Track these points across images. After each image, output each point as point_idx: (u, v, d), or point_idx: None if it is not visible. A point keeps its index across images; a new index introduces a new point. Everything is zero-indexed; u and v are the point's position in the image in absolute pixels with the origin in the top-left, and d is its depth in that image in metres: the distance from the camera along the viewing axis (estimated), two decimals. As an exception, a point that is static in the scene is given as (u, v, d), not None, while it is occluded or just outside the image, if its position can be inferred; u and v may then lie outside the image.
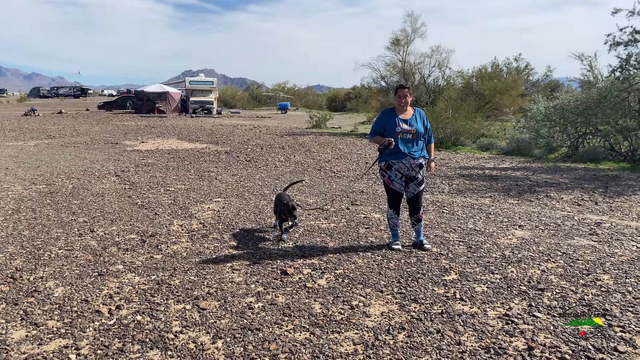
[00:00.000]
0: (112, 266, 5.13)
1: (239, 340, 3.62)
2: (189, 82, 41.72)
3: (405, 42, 26.66)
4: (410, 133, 5.58)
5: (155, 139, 19.21)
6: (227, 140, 19.38)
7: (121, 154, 14.54)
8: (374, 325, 3.87)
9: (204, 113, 39.03)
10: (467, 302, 4.33)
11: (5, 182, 9.74)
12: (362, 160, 14.12)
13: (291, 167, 12.50)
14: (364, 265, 5.24)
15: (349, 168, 12.62)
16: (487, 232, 6.54)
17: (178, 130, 23.32)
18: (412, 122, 5.62)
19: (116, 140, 18.58)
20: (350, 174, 11.59)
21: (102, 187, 9.33)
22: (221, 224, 6.85)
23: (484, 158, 15.56)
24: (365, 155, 15.38)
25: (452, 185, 10.23)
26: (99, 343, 3.56)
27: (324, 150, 16.77)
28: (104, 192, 8.91)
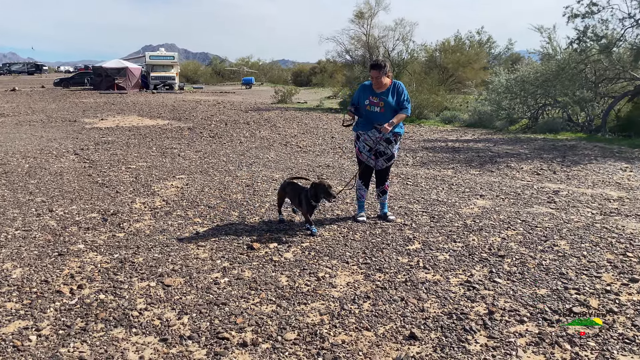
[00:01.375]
0: (72, 246, 5.01)
1: (205, 315, 3.61)
2: (149, 57, 40.58)
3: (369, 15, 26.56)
4: (377, 106, 5.55)
5: (115, 116, 18.68)
6: (190, 116, 19.01)
7: (80, 132, 14.09)
8: (339, 296, 3.92)
9: (165, 89, 38.15)
10: (430, 270, 4.42)
11: (-44, 162, 9.33)
12: (328, 135, 14.11)
13: (257, 143, 12.39)
14: (330, 238, 5.28)
15: (315, 143, 12.60)
16: (449, 202, 6.67)
17: (139, 107, 22.72)
18: (384, 95, 5.55)
19: (74, 117, 17.98)
20: (316, 149, 11.57)
21: (61, 166, 9.04)
22: (185, 200, 6.75)
23: (447, 131, 15.77)
24: (332, 130, 15.36)
25: (416, 158, 10.35)
26: (61, 323, 3.49)
27: (289, 125, 16.66)
28: (63, 171, 8.64)
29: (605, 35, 14.38)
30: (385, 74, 5.52)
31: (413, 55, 26.55)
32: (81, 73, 48.93)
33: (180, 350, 3.16)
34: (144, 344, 3.24)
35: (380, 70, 5.48)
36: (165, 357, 3.08)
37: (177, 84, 39.97)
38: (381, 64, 5.51)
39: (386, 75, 5.55)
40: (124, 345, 3.21)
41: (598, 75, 15.76)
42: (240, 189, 7.39)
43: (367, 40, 26.56)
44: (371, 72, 5.53)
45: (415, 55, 26.77)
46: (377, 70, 5.49)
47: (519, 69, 18.49)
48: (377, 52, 26.44)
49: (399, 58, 26.19)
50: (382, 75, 5.50)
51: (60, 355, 3.10)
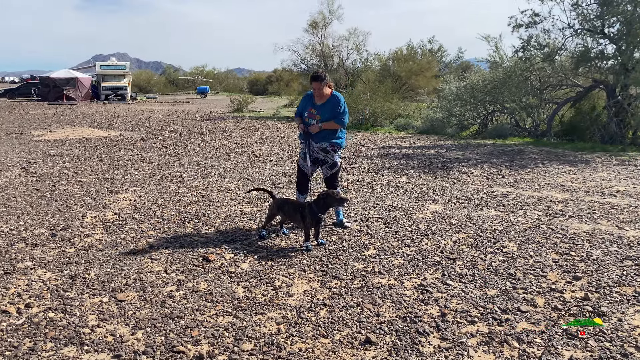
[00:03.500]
0: (19, 263, 4.82)
1: (159, 329, 3.56)
2: (100, 66, 39.57)
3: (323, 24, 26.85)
4: (314, 118, 5.72)
5: (64, 128, 18.09)
6: (142, 126, 18.63)
7: (27, 145, 13.57)
8: (296, 304, 3.94)
9: (117, 99, 37.27)
10: (385, 275, 4.51)
11: None
12: (284, 144, 14.14)
13: (212, 153, 12.28)
14: (286, 247, 5.30)
15: (272, 151, 12.60)
16: (403, 208, 6.82)
17: (89, 118, 22.11)
18: (321, 108, 5.70)
19: (20, 130, 17.31)
20: (273, 158, 11.57)
21: (6, 181, 8.69)
22: (138, 213, 6.62)
23: (401, 138, 16.09)
24: (288, 139, 15.40)
25: (372, 165, 10.52)
26: (7, 344, 3.36)
27: (246, 134, 16.59)
28: (8, 185, 8.30)
29: (548, 44, 15.07)
30: (326, 84, 5.68)
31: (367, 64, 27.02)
32: (27, 83, 47.12)
33: (135, 366, 3.10)
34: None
35: (322, 82, 5.63)
36: (119, 374, 3.02)
37: (129, 94, 39.11)
38: (321, 75, 5.63)
39: (327, 86, 5.72)
40: (75, 364, 3.13)
41: (542, 82, 16.48)
42: (196, 200, 7.31)
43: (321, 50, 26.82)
44: (312, 84, 5.64)
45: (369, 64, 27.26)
46: (319, 82, 5.61)
47: (469, 76, 19.11)
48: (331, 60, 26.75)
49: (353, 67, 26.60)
50: (323, 86, 5.66)
51: (6, 377, 2.99)
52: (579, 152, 12.15)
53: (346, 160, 11.17)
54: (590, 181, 8.62)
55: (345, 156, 11.74)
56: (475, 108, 17.22)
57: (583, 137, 14.71)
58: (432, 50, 35.01)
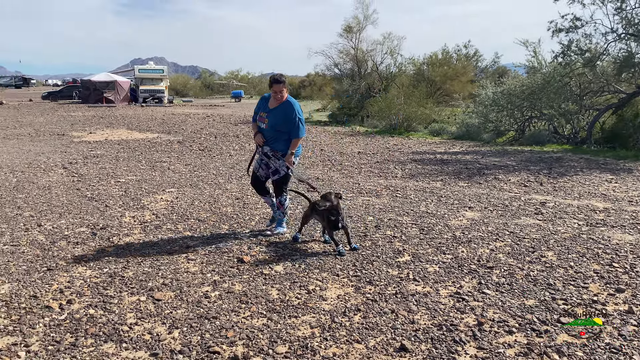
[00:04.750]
0: (61, 260, 4.98)
1: (195, 329, 3.60)
2: (138, 70, 40.58)
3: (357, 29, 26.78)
4: (264, 122, 5.60)
5: (104, 130, 18.61)
6: (179, 129, 18.99)
7: (68, 146, 14.02)
8: (330, 308, 3.94)
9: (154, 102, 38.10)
10: (420, 282, 4.46)
11: (-58, 177, 9.23)
12: (317, 147, 14.17)
13: (246, 156, 12.40)
14: (320, 251, 5.30)
15: (304, 155, 12.64)
16: (438, 214, 6.73)
17: (128, 120, 22.67)
18: (272, 113, 5.54)
19: (63, 131, 17.89)
20: (305, 162, 11.61)
21: (49, 180, 8.99)
22: (175, 214, 6.74)
23: (435, 143, 15.91)
24: (320, 142, 15.43)
25: (405, 170, 10.43)
26: (50, 339, 3.47)
27: (278, 138, 16.69)
28: (51, 185, 8.59)
29: (589, 49, 14.68)
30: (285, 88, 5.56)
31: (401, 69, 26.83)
32: (69, 86, 48.70)
33: (171, 365, 3.15)
34: (134, 358, 3.23)
35: (284, 84, 5.50)
36: (156, 372, 3.08)
37: (166, 97, 39.93)
38: (283, 78, 5.52)
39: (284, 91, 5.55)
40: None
41: (583, 88, 16.04)
42: (230, 202, 7.40)
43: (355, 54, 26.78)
44: (274, 86, 5.46)
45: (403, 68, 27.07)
46: (281, 85, 5.44)
47: (506, 82, 18.77)
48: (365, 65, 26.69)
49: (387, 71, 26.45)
50: (284, 90, 5.51)
51: (49, 371, 3.08)
52: (620, 160, 11.76)
53: (379, 165, 11.12)
54: (634, 190, 8.32)
55: (377, 161, 11.69)
56: (512, 114, 16.89)
57: (625, 144, 14.22)
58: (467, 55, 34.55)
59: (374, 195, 7.92)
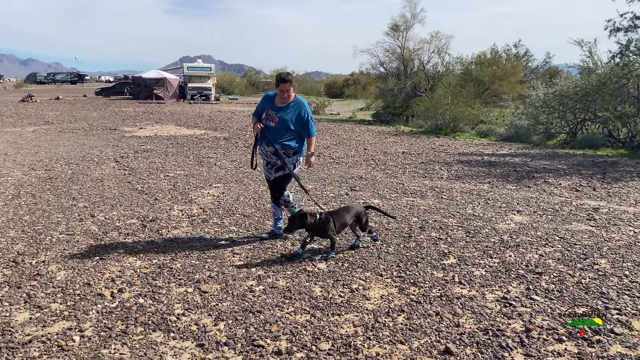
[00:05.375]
0: (113, 250, 5.16)
1: (240, 322, 3.67)
2: (187, 68, 41.43)
3: (404, 27, 26.49)
4: (273, 121, 5.40)
5: (153, 125, 19.16)
6: (225, 126, 19.33)
7: (120, 140, 14.52)
8: (373, 308, 3.92)
9: (201, 99, 38.85)
10: (466, 286, 4.37)
11: (5, 167, 9.74)
12: (361, 147, 14.13)
13: (290, 153, 12.50)
14: (363, 250, 5.28)
15: (348, 154, 12.63)
16: (485, 217, 6.58)
17: (176, 117, 23.25)
18: (282, 111, 5.38)
19: (114, 126, 18.53)
20: (349, 161, 11.60)
21: (102, 173, 9.34)
22: (221, 209, 6.87)
23: (482, 144, 15.58)
24: (364, 142, 15.38)
25: (451, 171, 10.26)
26: (102, 325, 3.60)
27: (322, 136, 16.75)
28: (104, 177, 8.92)
29: (649, 49, 13.99)
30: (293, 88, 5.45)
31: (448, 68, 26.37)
32: (121, 83, 50.36)
33: (217, 356, 3.22)
34: (181, 348, 3.32)
35: (291, 83, 5.39)
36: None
37: (213, 94, 40.62)
38: (290, 77, 5.42)
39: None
40: (162, 349, 3.30)
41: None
42: (275, 199, 7.46)
43: (401, 53, 26.51)
44: (280, 85, 5.36)
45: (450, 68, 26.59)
46: (288, 84, 5.34)
47: (558, 82, 18.15)
48: (411, 64, 26.38)
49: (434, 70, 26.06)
50: (291, 89, 5.41)
51: (102, 356, 3.20)
52: (681, 166, 11.17)
53: (424, 165, 10.99)
54: (696, 198, 7.89)
55: (422, 161, 11.55)
56: (564, 116, 16.31)
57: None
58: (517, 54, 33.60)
59: (419, 196, 7.83)
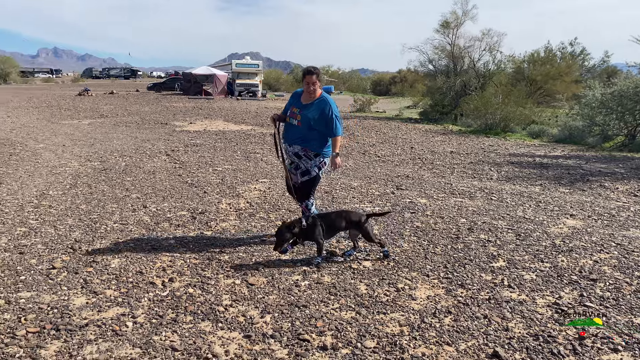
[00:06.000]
0: (164, 241, 5.32)
1: (286, 315, 3.71)
2: (236, 64, 42.09)
3: (455, 24, 25.96)
4: (295, 119, 5.12)
5: (202, 120, 19.60)
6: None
7: (171, 134, 14.93)
8: (419, 308, 3.88)
9: (249, 96, 39.40)
10: (516, 290, 4.26)
11: (63, 158, 10.20)
12: (407, 145, 13.98)
13: (336, 150, 12.50)
14: (409, 249, 5.23)
15: (394, 152, 12.53)
16: (536, 221, 6.39)
17: (224, 112, 23.69)
18: (306, 108, 5.07)
19: (165, 120, 19.07)
20: (395, 159, 11.50)
21: (154, 166, 9.63)
22: (267, 204, 6.96)
23: (534, 145, 15.10)
24: (411, 140, 15.21)
25: (501, 172, 10.01)
26: (154, 313, 3.72)
27: (368, 134, 16.68)
28: (155, 170, 9.20)
29: None
30: (319, 83, 5.14)
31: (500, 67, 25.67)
32: (172, 78, 51.71)
33: (263, 348, 3.27)
34: (229, 339, 3.38)
35: (317, 77, 5.07)
36: (249, 354, 3.20)
37: (260, 91, 41.14)
38: (317, 70, 5.14)
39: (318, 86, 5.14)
40: (211, 339, 3.37)
41: None
42: (319, 195, 7.50)
43: (451, 50, 26.01)
44: (306, 77, 5.03)
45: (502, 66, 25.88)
46: (313, 76, 5.02)
47: (617, 82, 17.35)
48: (461, 62, 25.84)
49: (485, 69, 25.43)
50: (317, 83, 5.07)
51: (153, 342, 3.31)
52: None
53: (472, 165, 10.76)
54: None
55: (471, 161, 11.32)
56: (622, 117, 15.58)
57: None
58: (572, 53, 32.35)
59: (467, 197, 7.67)
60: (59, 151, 11.11)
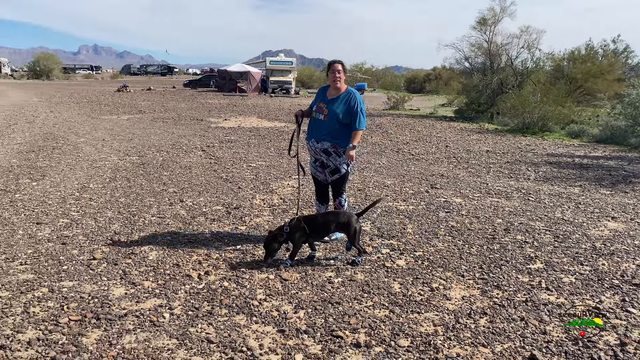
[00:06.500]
0: (200, 235, 5.42)
1: (320, 312, 3.72)
2: (270, 62, 42.39)
3: (492, 21, 25.43)
4: (322, 113, 5.07)
5: (237, 117, 19.82)
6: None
7: (206, 130, 15.15)
8: (454, 309, 3.83)
9: (282, 93, 39.62)
10: (554, 292, 4.16)
11: (103, 152, 10.49)
12: (442, 143, 13.81)
13: (368, 148, 12.47)
14: (444, 249, 5.17)
15: (428, 151, 12.39)
16: (576, 222, 6.22)
17: (258, 109, 23.89)
18: (332, 102, 5.04)
19: (201, 117, 19.36)
20: (429, 157, 11.38)
21: (190, 161, 9.80)
22: (300, 200, 6.99)
23: (573, 145, 14.69)
24: (446, 138, 15.01)
25: (539, 173, 9.78)
26: (190, 305, 3.80)
27: (401, 132, 16.55)
28: (192, 165, 9.36)
29: None
30: (344, 74, 5.08)
31: (538, 64, 25.02)
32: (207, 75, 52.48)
33: (297, 343, 3.29)
34: (263, 332, 3.42)
35: (343, 66, 5.05)
36: (283, 348, 3.23)
37: (293, 88, 41.30)
38: (343, 62, 5.06)
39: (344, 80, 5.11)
40: (245, 332, 3.42)
41: None
42: (352, 193, 7.49)
43: (488, 48, 25.51)
44: (333, 66, 5.02)
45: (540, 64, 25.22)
46: (339, 65, 5.02)
47: (663, 81, 16.70)
48: (498, 59, 25.32)
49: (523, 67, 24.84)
50: (343, 73, 5.04)
51: (189, 334, 3.37)
52: None
53: (509, 165, 10.55)
54: None
55: (508, 161, 11.10)
56: (668, 117, 15.01)
57: None
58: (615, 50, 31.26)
59: (504, 197, 7.53)
60: (99, 145, 11.42)
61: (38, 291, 3.96)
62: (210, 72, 65.95)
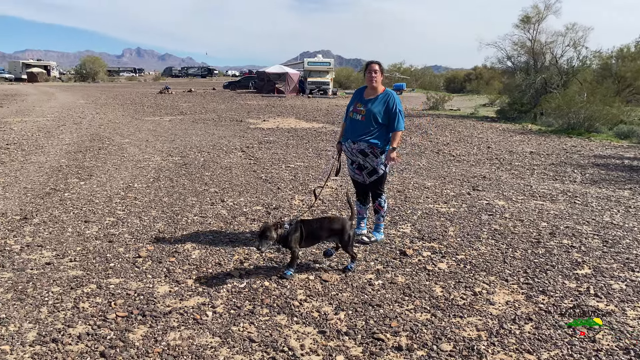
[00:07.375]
0: (241, 234, 5.49)
1: (360, 314, 3.71)
2: (308, 63, 42.53)
3: (536, 19, 24.76)
4: (359, 114, 5.03)
5: (275, 118, 19.99)
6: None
7: (245, 131, 15.35)
8: (498, 314, 3.75)
9: (320, 93, 39.71)
10: (603, 299, 4.02)
11: (147, 153, 10.77)
12: (483, 144, 13.54)
13: (407, 149, 12.35)
14: (487, 253, 5.06)
15: (469, 152, 12.17)
16: (626, 227, 5.98)
17: (296, 110, 24.03)
18: (370, 103, 5.01)
19: (240, 118, 19.62)
20: (470, 159, 11.18)
21: (230, 161, 9.95)
22: (339, 201, 6.99)
23: (622, 147, 14.14)
24: (487, 139, 14.71)
25: (585, 175, 9.46)
26: (232, 304, 3.85)
27: (442, 132, 16.32)
28: (232, 165, 9.50)
29: None
30: (382, 75, 5.05)
31: (585, 63, 24.19)
32: (246, 77, 53.13)
33: (338, 345, 3.29)
34: (304, 333, 3.44)
35: (380, 66, 5.04)
36: (324, 349, 3.23)
37: (330, 89, 41.30)
38: (380, 62, 5.03)
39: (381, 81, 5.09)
40: (286, 332, 3.44)
41: None
42: (392, 194, 7.44)
43: (532, 46, 24.84)
44: (370, 66, 5.02)
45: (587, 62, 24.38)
46: (379, 66, 5.02)
47: None
48: (542, 58, 24.64)
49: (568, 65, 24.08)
50: (380, 74, 5.04)
51: (232, 332, 3.42)
52: None
53: (554, 167, 10.25)
54: None
55: (552, 162, 10.78)
56: None
57: None
58: (668, 47, 29.90)
59: (549, 200, 7.32)
60: (142, 146, 11.74)
61: (87, 287, 4.10)
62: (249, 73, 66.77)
